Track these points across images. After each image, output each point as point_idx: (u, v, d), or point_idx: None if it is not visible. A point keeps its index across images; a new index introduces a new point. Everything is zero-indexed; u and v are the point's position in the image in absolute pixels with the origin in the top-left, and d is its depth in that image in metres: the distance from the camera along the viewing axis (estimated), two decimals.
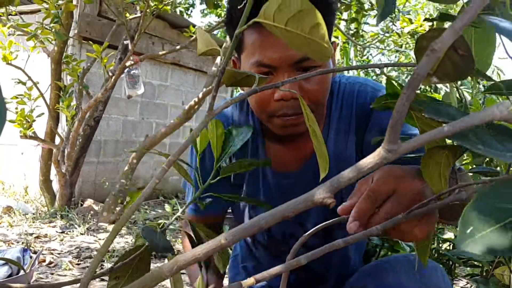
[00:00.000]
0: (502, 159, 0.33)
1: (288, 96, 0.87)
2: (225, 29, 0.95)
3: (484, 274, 1.67)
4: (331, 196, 0.40)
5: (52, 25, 3.15)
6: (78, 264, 2.61)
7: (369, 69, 8.45)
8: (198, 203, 0.88)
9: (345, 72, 6.76)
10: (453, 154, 0.45)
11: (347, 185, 0.39)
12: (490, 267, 1.59)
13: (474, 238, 0.29)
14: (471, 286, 1.87)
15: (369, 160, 0.35)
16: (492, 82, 0.44)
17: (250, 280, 0.47)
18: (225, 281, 1.44)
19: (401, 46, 5.05)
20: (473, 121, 0.27)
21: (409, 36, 4.79)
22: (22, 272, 1.93)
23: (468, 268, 1.95)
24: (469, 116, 0.27)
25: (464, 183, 0.43)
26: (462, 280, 2.26)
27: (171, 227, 3.12)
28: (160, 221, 0.77)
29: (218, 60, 4.30)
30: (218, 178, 0.85)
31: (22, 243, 2.87)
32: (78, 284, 0.51)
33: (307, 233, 0.60)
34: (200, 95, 3.70)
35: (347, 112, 1.02)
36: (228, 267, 1.62)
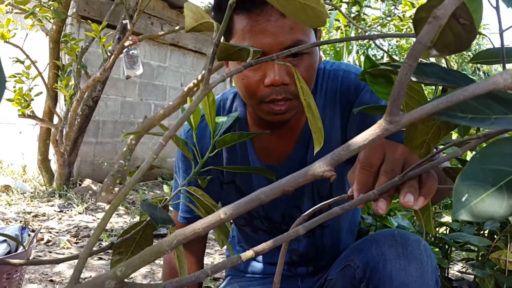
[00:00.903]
0: None
1: (279, 81, 0.88)
2: (213, 14, 0.94)
3: (480, 258, 1.68)
4: (331, 169, 0.40)
5: (50, 3, 3.11)
6: (76, 243, 2.62)
7: (370, 53, 8.39)
8: (198, 179, 0.88)
9: (350, 59, 6.70)
10: (446, 125, 0.45)
11: (348, 158, 0.38)
12: (487, 252, 1.60)
13: (470, 206, 0.28)
14: (467, 270, 1.88)
15: (370, 132, 0.35)
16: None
17: (249, 253, 0.46)
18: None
19: (402, 31, 5.01)
20: (476, 90, 0.27)
21: (411, 20, 4.75)
22: (20, 250, 1.94)
23: (464, 253, 1.96)
24: (473, 85, 0.27)
25: (458, 139, 0.42)
26: (457, 264, 2.27)
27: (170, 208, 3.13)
28: (160, 198, 0.77)
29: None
30: (216, 151, 0.85)
31: (20, 221, 2.88)
32: (77, 260, 0.51)
33: (307, 212, 0.60)
34: (199, 77, 3.68)
35: (331, 100, 1.03)
36: (225, 248, 1.63)
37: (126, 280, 0.47)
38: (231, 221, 1.27)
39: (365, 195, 0.50)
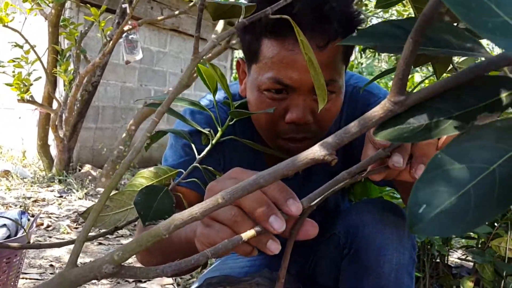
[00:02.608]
0: None
1: (302, 120, 0.82)
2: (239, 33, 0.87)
3: (480, 245, 1.67)
4: (332, 153, 0.38)
5: None
6: (76, 228, 2.62)
7: None
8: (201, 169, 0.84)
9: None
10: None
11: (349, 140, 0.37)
12: (487, 239, 1.59)
13: (429, 219, 0.23)
14: (466, 257, 1.88)
15: (373, 114, 0.34)
16: None
17: (251, 232, 0.45)
18: None
19: (404, 16, 4.97)
20: (490, 66, 0.25)
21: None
22: (20, 234, 1.93)
23: (464, 240, 1.96)
24: (486, 61, 0.25)
25: None
26: (457, 252, 2.27)
27: None
28: (164, 177, 0.74)
29: (218, 27, 4.23)
30: (234, 120, 0.82)
31: (20, 206, 2.87)
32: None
33: (320, 198, 0.58)
34: None
35: (337, 119, 0.98)
36: None
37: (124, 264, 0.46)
38: None
39: (375, 153, 0.47)
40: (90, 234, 0.76)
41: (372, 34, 0.37)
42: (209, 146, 0.80)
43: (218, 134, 0.82)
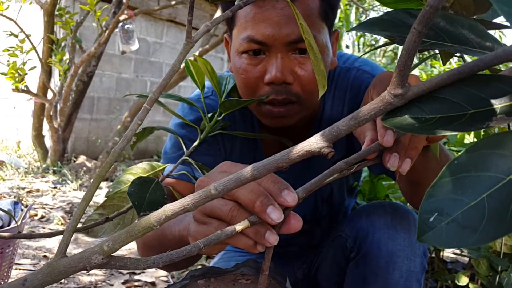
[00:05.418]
0: None
1: (280, 79, 0.79)
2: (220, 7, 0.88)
3: None
4: (329, 145, 0.37)
5: None
6: (70, 219, 2.61)
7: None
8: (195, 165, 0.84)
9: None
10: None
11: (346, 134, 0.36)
12: None
13: (439, 228, 0.22)
14: (462, 252, 1.89)
15: (372, 106, 0.33)
16: None
17: (245, 223, 0.45)
18: None
19: None
20: (494, 60, 0.24)
21: None
22: (12, 225, 1.92)
23: None
24: (490, 55, 0.24)
25: None
26: None
27: None
28: (159, 169, 0.74)
29: (215, 17, 4.20)
30: (223, 115, 0.81)
31: (14, 197, 2.86)
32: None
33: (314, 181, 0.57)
34: (197, 53, 3.63)
35: (340, 99, 0.96)
36: None
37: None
38: None
39: (371, 146, 0.47)
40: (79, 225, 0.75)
41: (388, 23, 0.35)
42: (198, 140, 0.80)
43: (207, 129, 0.82)
